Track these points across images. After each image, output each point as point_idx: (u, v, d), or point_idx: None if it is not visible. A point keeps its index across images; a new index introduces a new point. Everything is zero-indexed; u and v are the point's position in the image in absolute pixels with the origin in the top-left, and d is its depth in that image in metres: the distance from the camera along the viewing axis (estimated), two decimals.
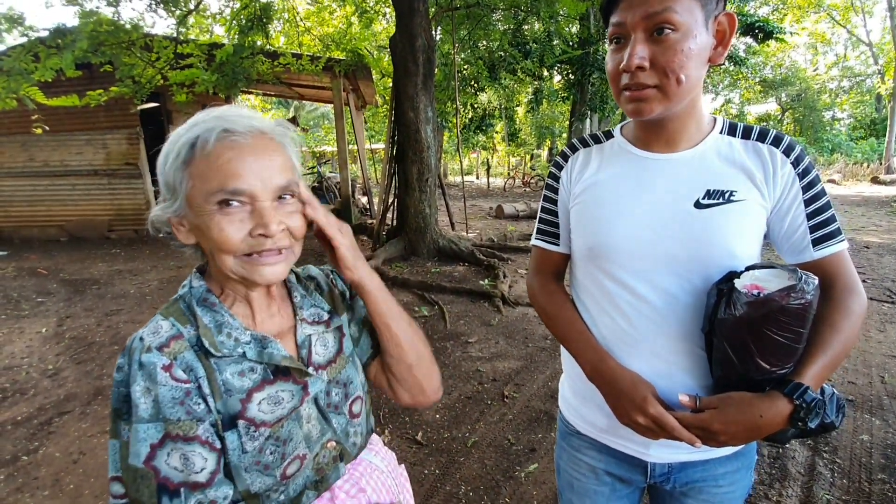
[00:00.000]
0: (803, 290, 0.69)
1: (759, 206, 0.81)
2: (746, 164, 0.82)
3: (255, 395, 0.69)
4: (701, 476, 0.91)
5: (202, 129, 0.65)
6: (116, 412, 0.64)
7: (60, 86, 6.40)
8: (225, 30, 6.91)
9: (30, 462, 2.41)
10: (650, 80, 0.75)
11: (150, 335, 0.66)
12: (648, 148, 0.88)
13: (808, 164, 0.81)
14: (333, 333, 0.82)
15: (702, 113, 0.85)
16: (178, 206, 0.67)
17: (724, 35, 0.77)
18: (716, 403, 0.75)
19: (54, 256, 7.35)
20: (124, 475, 0.63)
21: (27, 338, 4.08)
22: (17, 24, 4.93)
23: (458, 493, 2.14)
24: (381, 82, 11.02)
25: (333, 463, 0.78)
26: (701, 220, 0.81)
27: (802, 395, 0.70)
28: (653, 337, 0.85)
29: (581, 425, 1.01)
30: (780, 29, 12.37)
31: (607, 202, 0.89)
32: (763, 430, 0.71)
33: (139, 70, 6.02)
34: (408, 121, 6.02)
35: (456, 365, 3.40)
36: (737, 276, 0.76)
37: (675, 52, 0.73)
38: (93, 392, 3.12)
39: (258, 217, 0.65)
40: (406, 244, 6.43)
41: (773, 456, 2.32)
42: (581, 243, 0.93)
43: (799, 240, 0.82)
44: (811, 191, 0.80)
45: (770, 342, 0.71)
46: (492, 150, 24.61)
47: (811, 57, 28.17)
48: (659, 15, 0.72)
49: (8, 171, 8.75)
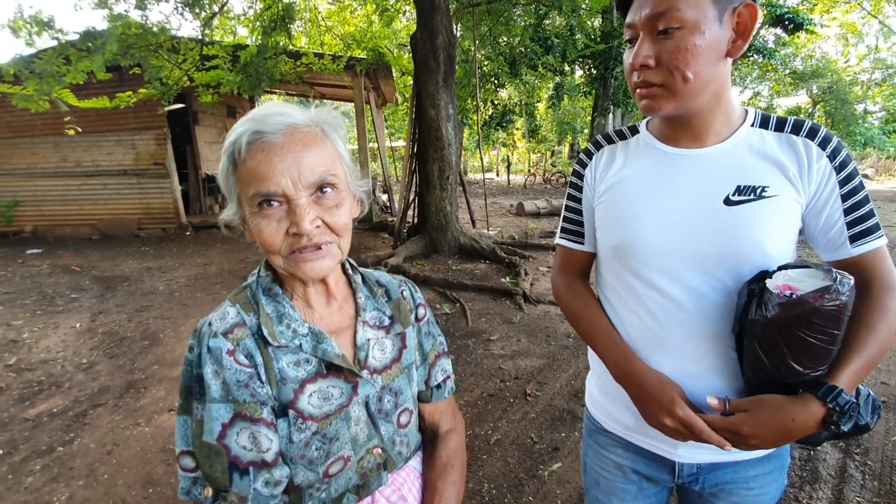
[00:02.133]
0: (838, 291, 0.67)
1: (793, 201, 0.78)
2: (779, 157, 0.78)
3: (307, 386, 0.70)
4: (731, 478, 0.89)
5: (237, 135, 0.66)
6: (188, 389, 0.68)
7: (91, 88, 6.60)
8: (248, 31, 7.03)
9: (65, 453, 2.49)
10: (656, 79, 0.75)
11: (218, 321, 0.69)
12: (675, 143, 0.85)
13: (846, 157, 0.77)
14: (393, 340, 0.81)
15: (730, 106, 0.82)
16: (236, 209, 0.70)
17: (746, 27, 0.74)
18: (746, 406, 0.73)
19: (87, 254, 7.59)
20: (198, 451, 0.66)
21: (62, 333, 4.22)
22: (48, 27, 5.09)
23: (480, 491, 2.14)
24: (401, 80, 11.04)
25: (377, 470, 0.77)
26: (731, 217, 0.78)
27: (836, 399, 0.68)
28: (681, 337, 0.83)
29: (608, 423, 1.00)
30: (809, 20, 11.96)
31: (633, 199, 0.87)
32: (795, 433, 0.70)
33: (166, 72, 6.16)
34: (428, 118, 6.02)
35: (478, 363, 3.39)
36: (769, 276, 0.74)
37: (679, 50, 0.72)
38: (125, 385, 3.21)
39: (291, 216, 0.66)
40: (427, 242, 6.44)
41: (804, 458, 2.25)
42: (607, 242, 0.92)
43: (836, 236, 0.78)
44: (848, 185, 0.77)
45: (803, 344, 0.69)
46: (512, 147, 24.47)
47: (842, 48, 27.17)
48: (662, 14, 0.72)
49: (42, 171, 9.08)
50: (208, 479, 0.66)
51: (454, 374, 3.13)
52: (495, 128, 16.50)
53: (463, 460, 0.89)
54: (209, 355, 0.66)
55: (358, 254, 6.63)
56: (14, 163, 9.10)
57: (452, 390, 0.92)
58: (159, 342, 3.95)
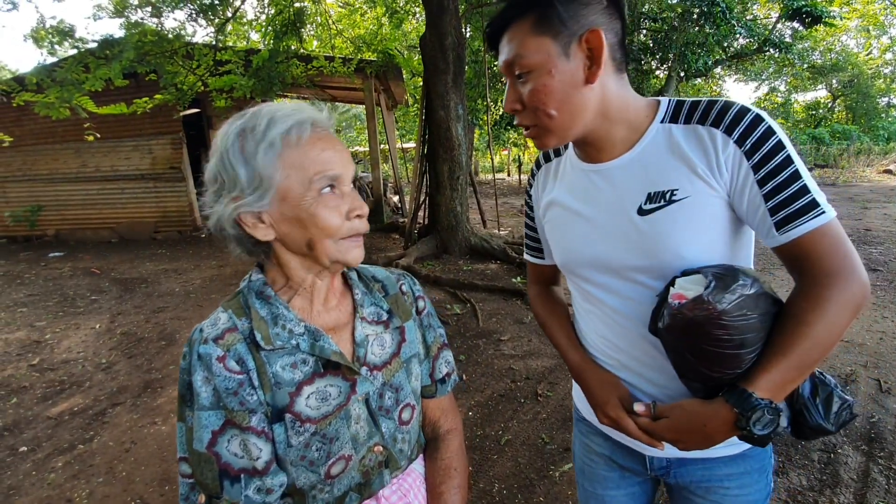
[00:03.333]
0: (708, 301, 0.65)
1: (709, 198, 0.74)
2: (686, 153, 0.74)
3: (304, 387, 0.70)
4: (704, 475, 0.89)
5: (294, 122, 0.66)
6: (182, 397, 0.68)
7: (109, 95, 6.76)
8: (261, 36, 7.12)
9: (86, 451, 2.56)
10: (528, 120, 0.78)
11: (209, 327, 0.69)
12: (590, 159, 0.85)
13: (761, 136, 0.69)
14: (391, 334, 0.81)
15: (629, 113, 0.79)
16: (267, 200, 0.67)
17: (597, 52, 0.72)
18: (667, 412, 0.76)
19: (106, 257, 7.76)
20: (190, 458, 0.66)
21: (83, 333, 4.33)
22: (68, 36, 5.22)
23: (491, 491, 2.14)
24: (411, 81, 11.09)
25: (379, 468, 0.78)
26: (645, 228, 0.77)
27: (743, 403, 0.66)
28: (629, 342, 0.86)
29: (588, 414, 1.03)
30: (828, 12, 11.70)
31: (562, 220, 0.91)
32: (714, 437, 0.70)
33: (181, 77, 6.28)
34: (438, 119, 6.04)
35: (488, 363, 3.39)
36: (672, 284, 0.73)
37: (535, 93, 0.74)
38: (142, 385, 3.28)
39: (351, 200, 0.70)
40: (438, 242, 6.45)
41: (825, 461, 2.21)
42: (555, 258, 0.97)
43: (761, 224, 0.72)
44: (766, 167, 0.69)
45: (702, 351, 0.68)
46: (523, 147, 24.36)
47: (863, 41, 26.52)
48: (512, 63, 0.75)
49: (63, 176, 9.31)
50: (200, 486, 0.66)
51: (466, 374, 3.11)
52: (506, 128, 16.45)
53: (465, 462, 0.89)
54: (199, 362, 0.65)
55: (369, 254, 6.67)
56: (37, 169, 9.35)
57: (455, 383, 0.93)
58: (175, 342, 4.03)
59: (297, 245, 0.70)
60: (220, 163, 0.67)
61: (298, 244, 0.69)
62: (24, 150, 9.23)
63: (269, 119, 0.66)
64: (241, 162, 0.66)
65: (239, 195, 0.67)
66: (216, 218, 0.69)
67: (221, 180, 0.68)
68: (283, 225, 0.68)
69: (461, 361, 3.42)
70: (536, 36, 0.72)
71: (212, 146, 0.70)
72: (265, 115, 0.67)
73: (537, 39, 0.72)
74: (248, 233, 0.69)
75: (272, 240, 0.70)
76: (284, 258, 0.72)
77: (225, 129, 0.69)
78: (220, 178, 0.68)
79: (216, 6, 5.85)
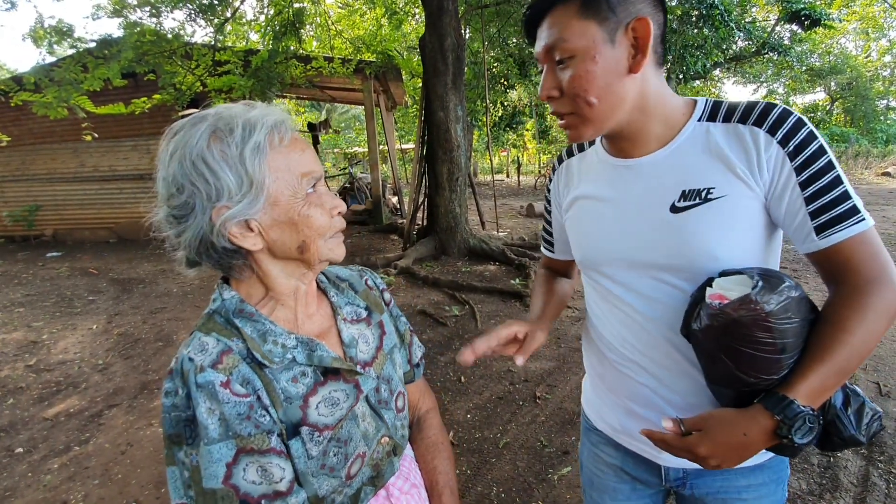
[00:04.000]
0: (756, 301, 0.63)
1: (746, 199, 0.72)
2: (725, 153, 0.73)
3: (310, 399, 0.68)
4: (721, 486, 0.87)
5: (272, 123, 0.65)
6: (171, 438, 0.62)
7: (107, 95, 6.74)
8: (260, 36, 7.11)
9: (81, 452, 2.54)
10: (565, 108, 0.76)
11: (199, 354, 0.63)
12: (622, 154, 0.83)
13: (804, 139, 0.69)
14: (373, 330, 0.82)
15: (666, 108, 0.78)
16: (259, 206, 0.63)
17: (643, 41, 0.71)
18: (700, 425, 0.69)
19: (104, 257, 7.74)
20: (199, 500, 0.60)
21: (79, 334, 4.31)
22: (67, 36, 5.21)
23: (489, 495, 2.13)
24: (410, 82, 11.08)
25: (388, 458, 0.79)
26: (677, 226, 0.76)
27: (784, 410, 0.63)
28: (647, 342, 0.84)
29: (598, 422, 1.01)
30: (827, 15, 11.73)
31: (588, 215, 0.89)
32: (751, 447, 0.66)
33: (180, 77, 6.27)
34: (438, 120, 6.03)
35: (487, 365, 3.38)
36: (710, 284, 0.71)
37: (576, 78, 0.72)
38: (139, 386, 3.26)
39: (330, 199, 0.70)
40: (436, 243, 6.44)
41: (824, 465, 2.20)
42: (574, 255, 0.97)
43: (800, 228, 0.71)
44: (809, 170, 0.68)
45: (741, 355, 0.65)
46: (522, 148, 24.37)
47: (862, 43, 26.58)
48: (553, 48, 0.73)
49: (62, 176, 9.29)
50: None
51: (464, 376, 3.10)
52: (505, 129, 16.47)
53: (446, 435, 0.93)
54: (200, 392, 0.60)
55: (368, 255, 6.66)
56: (35, 168, 9.33)
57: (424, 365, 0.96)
58: (172, 343, 4.01)
59: (285, 250, 0.67)
60: (190, 169, 0.61)
61: (288, 249, 0.67)
62: (22, 149, 9.21)
63: (245, 120, 0.63)
64: (226, 166, 0.61)
65: (227, 203, 0.62)
66: (194, 233, 0.63)
67: (193, 189, 0.62)
68: (274, 230, 0.66)
69: (459, 363, 3.41)
70: (582, 20, 0.70)
71: (163, 153, 0.64)
72: (237, 117, 0.63)
73: (582, 24, 0.70)
74: (236, 244, 0.64)
75: (258, 249, 0.66)
76: (266, 267, 0.69)
77: (185, 134, 0.63)
78: (190, 188, 0.62)
79: (215, 6, 5.84)
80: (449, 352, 3.62)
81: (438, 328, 4.08)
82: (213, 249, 0.66)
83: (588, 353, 1.03)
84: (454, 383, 3.13)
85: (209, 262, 0.68)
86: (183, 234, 0.65)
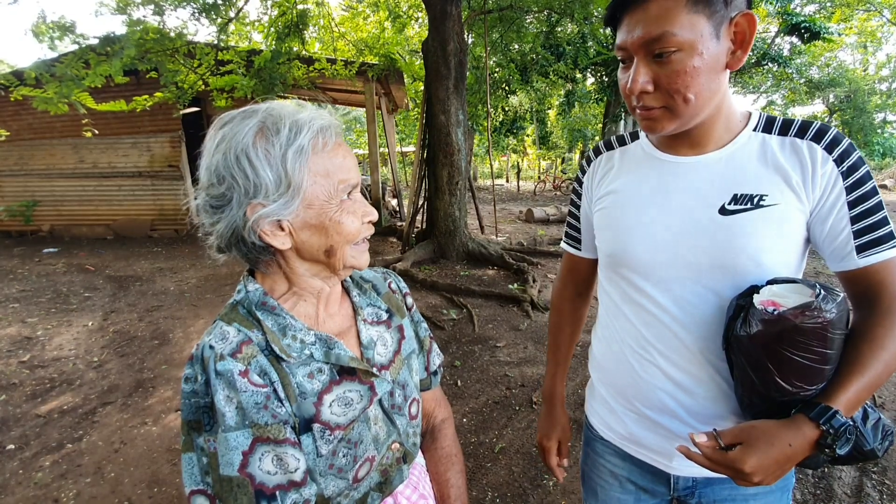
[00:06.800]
0: (819, 308, 0.63)
1: (795, 210, 0.74)
2: (781, 163, 0.74)
3: (324, 397, 0.68)
4: (729, 494, 0.87)
5: (319, 127, 0.65)
6: (190, 424, 0.62)
7: (109, 91, 6.74)
8: (263, 36, 7.12)
9: (74, 450, 2.52)
10: (656, 102, 0.73)
11: (220, 342, 0.63)
12: (673, 151, 0.83)
13: (856, 161, 0.72)
14: (392, 333, 0.82)
15: (731, 111, 0.78)
16: (293, 207, 0.64)
17: (745, 37, 0.70)
18: (741, 437, 0.66)
19: (101, 254, 7.71)
20: (216, 487, 0.60)
21: (75, 331, 4.29)
22: (69, 31, 5.21)
23: (484, 500, 2.12)
24: (412, 86, 11.11)
25: (397, 465, 0.78)
26: (725, 228, 0.75)
27: (830, 420, 0.63)
28: (672, 348, 0.82)
29: (604, 431, 1.00)
30: (826, 28, 11.82)
31: (628, 208, 0.86)
32: (794, 459, 0.65)
33: (182, 76, 6.27)
34: (439, 124, 6.04)
35: (484, 369, 3.38)
36: (757, 291, 0.71)
37: (679, 74, 0.69)
38: (134, 384, 3.25)
39: (363, 206, 0.71)
40: (435, 247, 6.44)
41: (818, 475, 2.20)
42: (603, 250, 0.92)
43: (841, 246, 0.73)
44: (858, 191, 0.71)
45: (789, 362, 0.66)
46: (522, 154, 24.44)
47: (860, 57, 26.80)
48: (657, 40, 0.68)
49: (60, 172, 9.26)
50: None
51: (461, 380, 3.10)
52: (505, 134, 16.50)
53: (459, 447, 0.93)
54: (220, 380, 0.60)
55: None
56: (34, 163, 9.30)
57: (441, 374, 0.95)
58: (169, 342, 4.00)
59: (313, 252, 0.68)
60: (233, 163, 0.62)
61: (315, 251, 0.68)
62: (20, 144, 9.19)
63: (293, 122, 0.63)
64: (268, 165, 0.62)
65: (262, 201, 0.63)
66: (227, 225, 0.64)
67: (232, 183, 0.62)
68: (304, 232, 0.66)
69: (457, 367, 3.41)
70: (691, 13, 0.67)
71: (210, 142, 0.65)
72: (286, 117, 0.64)
73: (692, 17, 0.67)
74: (266, 242, 0.65)
75: (286, 248, 0.67)
76: (293, 265, 0.70)
77: (234, 127, 0.63)
78: (230, 180, 0.62)
79: (219, 6, 5.84)
80: (446, 355, 3.61)
81: (436, 332, 4.08)
82: (243, 243, 0.66)
83: (598, 357, 1.00)
84: (450, 387, 3.13)
85: (238, 253, 0.69)
86: (217, 223, 0.66)
